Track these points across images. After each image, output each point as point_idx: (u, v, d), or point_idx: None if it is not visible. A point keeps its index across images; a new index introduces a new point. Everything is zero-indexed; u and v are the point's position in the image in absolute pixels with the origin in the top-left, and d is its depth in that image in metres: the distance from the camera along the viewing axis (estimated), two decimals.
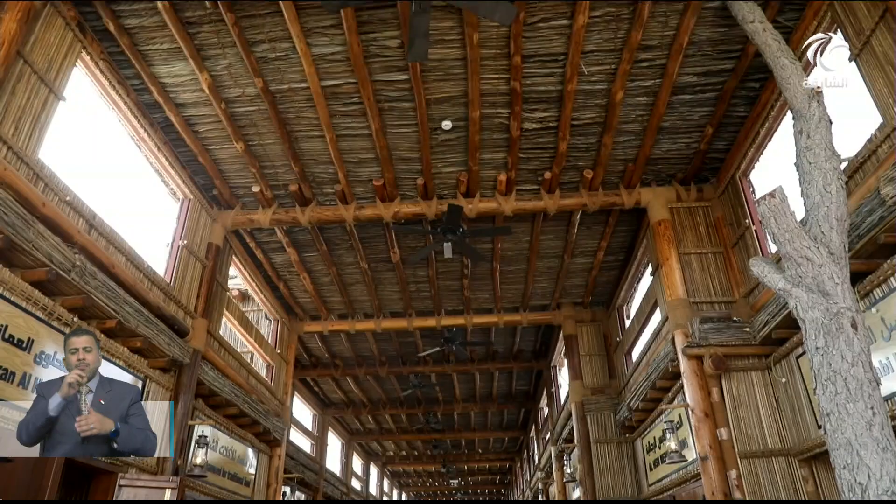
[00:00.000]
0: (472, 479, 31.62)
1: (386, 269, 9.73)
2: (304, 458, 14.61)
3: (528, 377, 15.83)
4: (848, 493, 3.12)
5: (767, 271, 3.76)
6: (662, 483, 8.05)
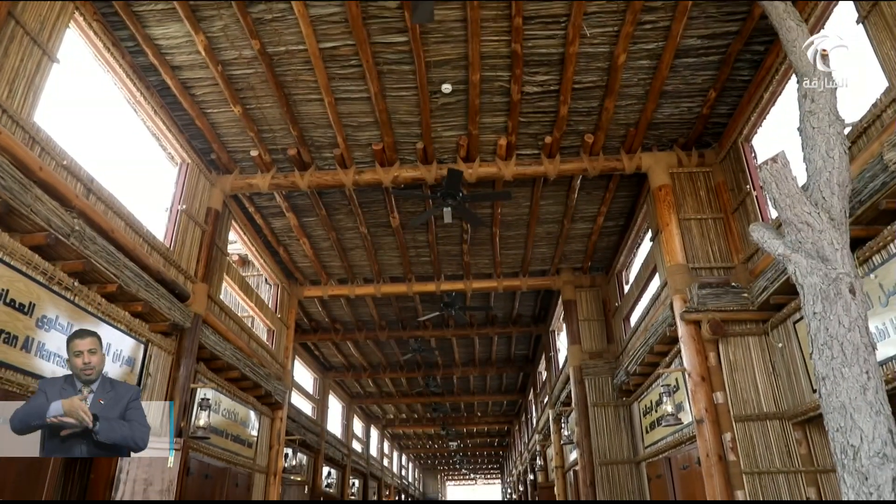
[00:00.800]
0: (472, 441, 32.17)
1: (385, 233, 9.73)
2: (306, 420, 14.84)
3: (527, 342, 15.97)
4: (840, 455, 3.17)
5: (767, 237, 3.76)
6: (658, 445, 8.19)
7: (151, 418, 6.54)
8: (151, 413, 6.55)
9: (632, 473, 9.39)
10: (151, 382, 6.49)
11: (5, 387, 4.41)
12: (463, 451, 34.67)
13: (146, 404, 6.25)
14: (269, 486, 9.81)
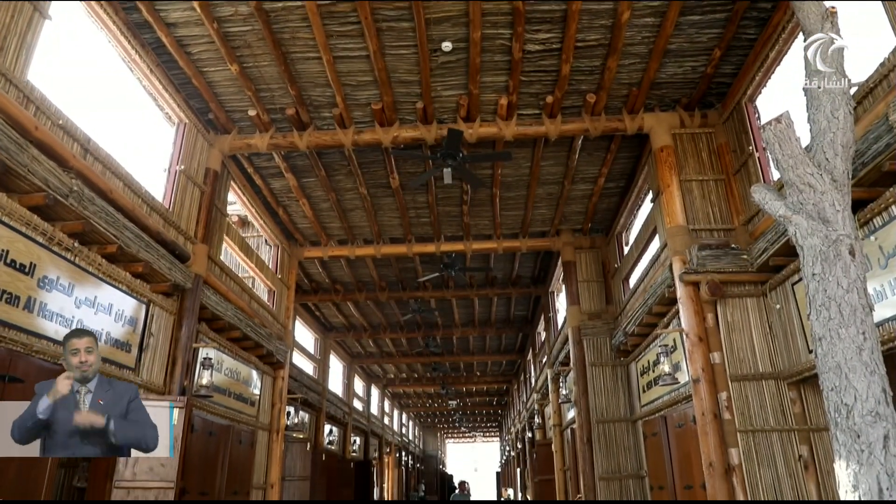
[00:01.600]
0: (471, 400, 32.67)
1: (385, 194, 9.69)
2: (308, 379, 15.04)
3: (527, 303, 16.07)
4: (834, 413, 3.22)
5: (768, 198, 3.74)
6: (654, 404, 8.32)
7: (154, 377, 6.65)
8: (154, 372, 6.66)
9: (628, 431, 9.56)
10: (154, 342, 6.55)
11: (9, 346, 4.45)
12: (462, 410, 35.23)
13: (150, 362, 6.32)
14: (272, 444, 10.01)
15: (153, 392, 6.41)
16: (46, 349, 4.83)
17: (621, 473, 9.37)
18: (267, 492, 9.66)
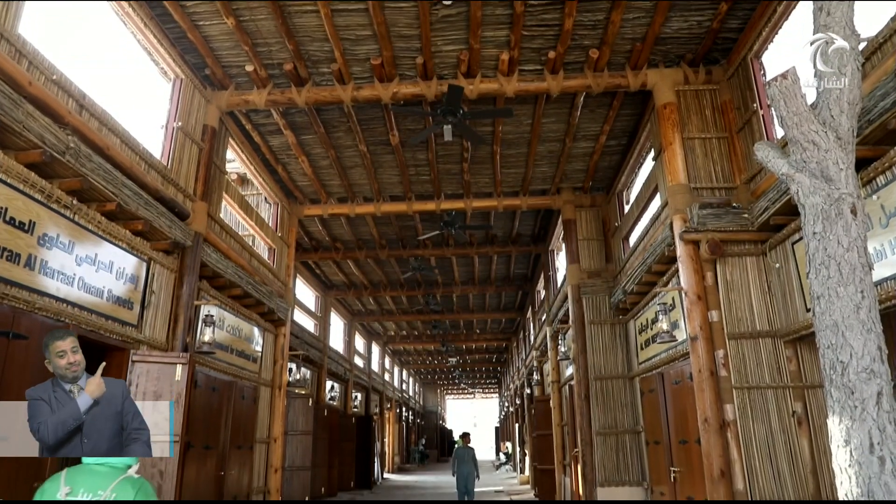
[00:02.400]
0: (470, 357, 33.06)
1: (385, 151, 9.61)
2: (309, 337, 15.20)
3: (526, 261, 16.11)
4: (829, 370, 3.26)
5: (772, 156, 3.70)
6: (652, 361, 8.42)
7: (157, 334, 6.70)
8: (157, 329, 6.71)
9: (625, 388, 9.70)
10: (156, 300, 6.59)
11: (12, 303, 4.48)
12: (462, 367, 35.70)
13: (152, 319, 6.37)
14: (275, 399, 10.17)
15: (156, 349, 6.48)
16: (49, 306, 4.86)
17: (618, 429, 9.55)
18: (270, 446, 9.86)
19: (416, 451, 38.29)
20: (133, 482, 2.57)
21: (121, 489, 2.47)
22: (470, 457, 13.42)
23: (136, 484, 2.55)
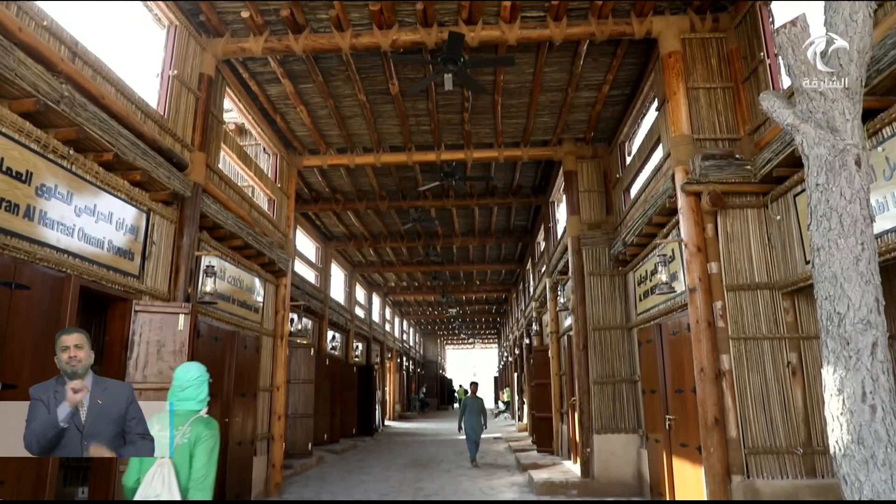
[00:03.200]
0: (470, 308, 33.37)
1: (385, 101, 9.46)
2: (310, 288, 15.30)
3: (527, 212, 16.08)
4: (826, 321, 3.29)
5: (777, 106, 3.65)
6: (650, 312, 8.50)
7: (158, 285, 6.74)
8: (158, 280, 6.75)
9: (623, 338, 9.82)
10: (156, 251, 6.60)
11: (12, 254, 4.49)
12: (462, 318, 36.08)
13: (153, 270, 6.39)
14: (277, 349, 10.31)
15: (158, 299, 6.53)
16: (50, 257, 4.87)
17: (615, 378, 9.71)
18: (273, 394, 10.05)
19: (416, 399, 39.06)
20: (203, 420, 3.38)
21: (195, 425, 3.32)
22: (478, 407, 13.40)
23: (205, 421, 3.37)
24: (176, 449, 3.22)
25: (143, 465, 3.23)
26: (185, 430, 3.28)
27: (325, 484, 10.66)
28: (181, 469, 3.20)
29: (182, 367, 3.50)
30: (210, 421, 3.41)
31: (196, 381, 3.45)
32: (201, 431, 3.30)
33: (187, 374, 3.46)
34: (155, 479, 3.12)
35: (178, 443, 3.24)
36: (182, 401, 3.38)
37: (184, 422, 3.31)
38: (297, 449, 13.51)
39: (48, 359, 4.79)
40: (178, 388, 3.41)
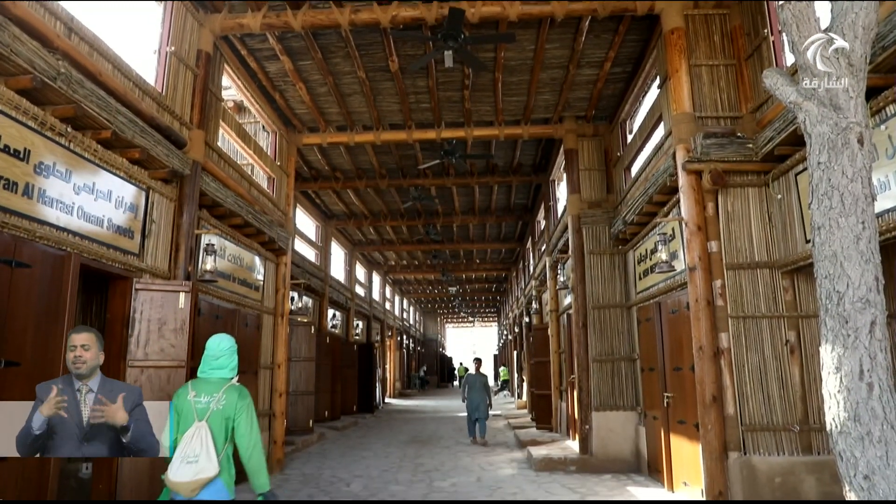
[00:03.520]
0: (470, 286, 33.45)
1: (384, 78, 9.38)
2: (310, 266, 15.32)
3: (527, 191, 16.04)
4: (825, 300, 3.30)
5: (780, 83, 3.62)
6: (650, 291, 8.52)
7: (159, 263, 6.75)
8: (158, 258, 6.76)
9: (622, 317, 9.86)
10: (156, 229, 6.59)
11: (12, 232, 4.48)
12: (462, 296, 36.17)
13: (153, 248, 6.40)
14: (278, 327, 10.35)
15: (159, 277, 6.54)
16: (50, 235, 4.87)
17: (614, 356, 9.77)
18: (274, 371, 10.11)
19: (416, 377, 39.34)
20: (235, 387, 3.64)
21: (228, 392, 3.57)
22: (481, 384, 13.07)
23: (237, 388, 3.64)
24: (211, 414, 3.48)
25: (180, 426, 3.45)
26: (220, 397, 3.53)
27: (327, 460, 10.78)
28: (217, 432, 3.44)
29: (214, 339, 3.77)
30: (242, 388, 3.66)
31: (228, 350, 3.74)
32: (236, 400, 3.55)
33: (220, 344, 3.74)
34: (193, 440, 3.37)
35: (214, 408, 3.50)
36: (215, 369, 3.68)
37: (217, 389, 3.56)
38: (299, 426, 13.63)
39: (51, 336, 4.83)
40: (211, 358, 3.70)
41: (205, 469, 3.32)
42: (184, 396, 3.57)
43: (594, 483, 8.41)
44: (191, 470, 3.30)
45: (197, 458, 3.33)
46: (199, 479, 3.30)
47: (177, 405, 3.56)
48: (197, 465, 3.32)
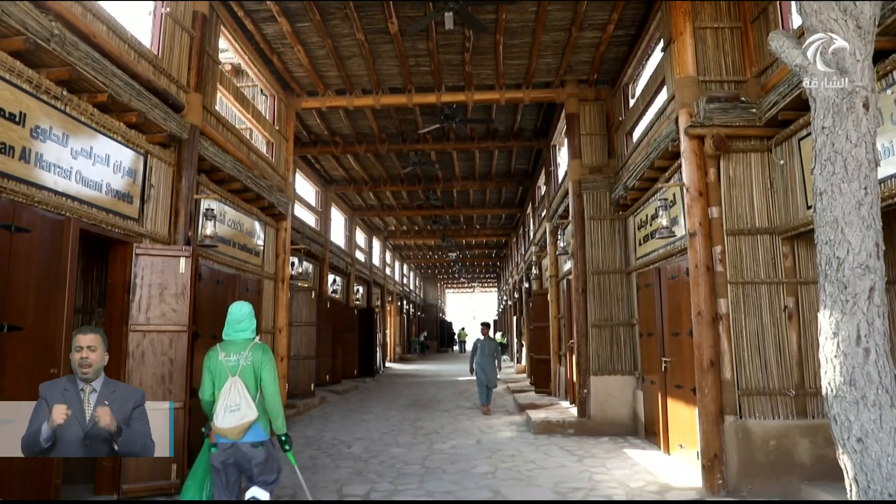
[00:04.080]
0: (470, 252, 33.49)
1: (384, 41, 9.23)
2: (310, 231, 15.32)
3: (528, 156, 15.94)
4: (825, 266, 3.30)
5: (786, 46, 3.56)
6: (650, 257, 8.53)
7: (158, 228, 6.73)
8: (158, 223, 6.73)
9: (622, 282, 9.89)
10: (155, 194, 6.57)
11: (10, 196, 4.47)
12: (462, 262, 36.23)
13: (153, 213, 6.38)
14: (278, 292, 10.40)
15: (159, 242, 6.54)
16: (49, 200, 4.85)
17: (613, 321, 9.83)
18: (275, 336, 10.19)
19: (416, 342, 39.66)
20: (259, 345, 4.29)
21: (253, 350, 4.22)
22: (491, 349, 12.44)
23: (261, 346, 4.30)
24: (242, 369, 4.14)
25: (216, 383, 4.14)
26: (247, 355, 4.19)
27: (328, 423, 10.94)
28: (248, 384, 4.12)
29: (235, 305, 4.41)
30: (265, 346, 4.32)
31: (248, 315, 4.37)
32: (261, 356, 4.22)
33: (241, 310, 4.38)
34: (231, 392, 4.03)
35: (243, 364, 4.16)
36: (238, 332, 4.30)
37: (243, 348, 4.22)
38: (300, 389, 13.80)
39: (52, 301, 4.85)
40: (234, 322, 4.32)
41: (247, 414, 3.99)
42: (215, 358, 4.20)
43: (591, 445, 8.55)
44: (235, 417, 3.97)
45: (238, 407, 3.99)
46: (243, 424, 3.98)
47: (209, 366, 4.20)
48: (239, 412, 3.98)
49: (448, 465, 7.50)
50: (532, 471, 7.09)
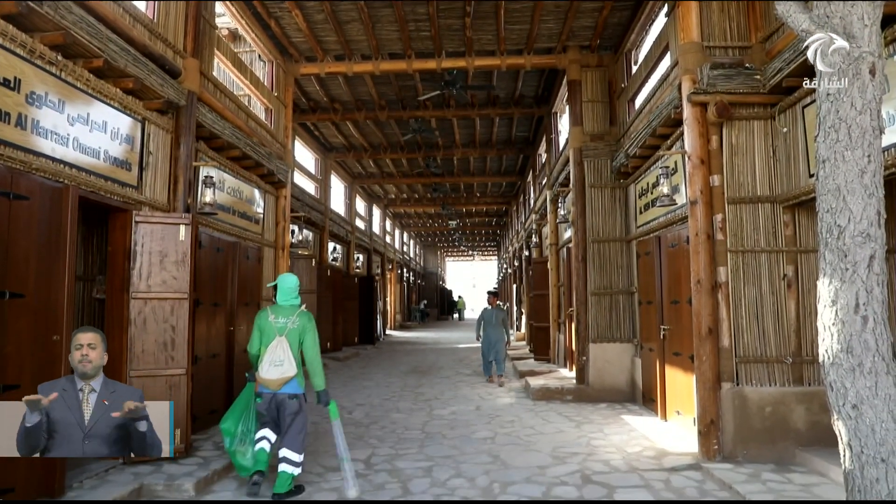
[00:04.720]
0: (470, 220, 33.45)
1: (383, 5, 9.06)
2: (310, 199, 15.28)
3: (529, 123, 15.80)
4: (826, 234, 3.30)
5: (793, 10, 3.49)
6: (650, 225, 8.52)
7: (157, 195, 6.71)
8: (157, 190, 6.71)
9: (622, 251, 9.90)
10: (154, 161, 6.53)
11: (7, 163, 4.44)
12: (462, 230, 36.21)
13: (151, 180, 6.35)
14: (279, 260, 10.41)
15: (158, 210, 6.52)
16: (46, 167, 4.82)
17: (612, 289, 9.86)
18: None
19: (416, 309, 39.88)
20: (305, 313, 5.16)
21: (300, 315, 5.09)
22: (499, 319, 11.98)
23: (306, 314, 5.15)
24: (289, 331, 4.98)
25: (263, 340, 4.97)
26: (294, 319, 5.04)
27: (329, 389, 11.04)
28: (293, 344, 4.96)
29: (284, 276, 5.26)
30: (309, 314, 5.16)
31: (296, 285, 5.27)
32: (306, 322, 5.09)
33: (290, 281, 5.25)
34: (277, 349, 4.87)
35: (290, 327, 4.99)
36: (288, 300, 5.17)
37: (292, 313, 5.08)
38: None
39: (53, 269, 4.86)
40: (285, 291, 5.20)
41: (288, 370, 4.85)
42: (265, 318, 5.06)
43: (589, 411, 8.66)
44: (278, 371, 4.83)
45: (282, 363, 4.84)
46: (284, 377, 4.84)
47: (260, 324, 5.05)
48: (282, 367, 4.83)
49: (448, 430, 7.61)
50: (531, 436, 7.20)
